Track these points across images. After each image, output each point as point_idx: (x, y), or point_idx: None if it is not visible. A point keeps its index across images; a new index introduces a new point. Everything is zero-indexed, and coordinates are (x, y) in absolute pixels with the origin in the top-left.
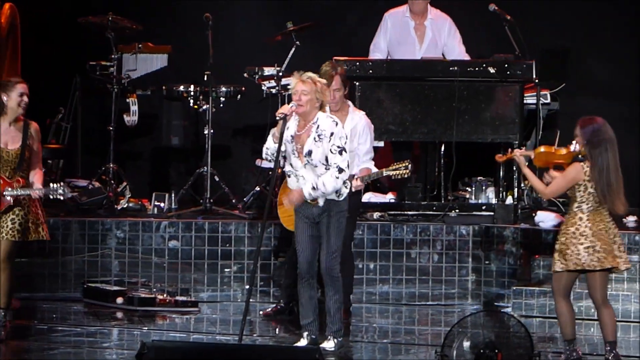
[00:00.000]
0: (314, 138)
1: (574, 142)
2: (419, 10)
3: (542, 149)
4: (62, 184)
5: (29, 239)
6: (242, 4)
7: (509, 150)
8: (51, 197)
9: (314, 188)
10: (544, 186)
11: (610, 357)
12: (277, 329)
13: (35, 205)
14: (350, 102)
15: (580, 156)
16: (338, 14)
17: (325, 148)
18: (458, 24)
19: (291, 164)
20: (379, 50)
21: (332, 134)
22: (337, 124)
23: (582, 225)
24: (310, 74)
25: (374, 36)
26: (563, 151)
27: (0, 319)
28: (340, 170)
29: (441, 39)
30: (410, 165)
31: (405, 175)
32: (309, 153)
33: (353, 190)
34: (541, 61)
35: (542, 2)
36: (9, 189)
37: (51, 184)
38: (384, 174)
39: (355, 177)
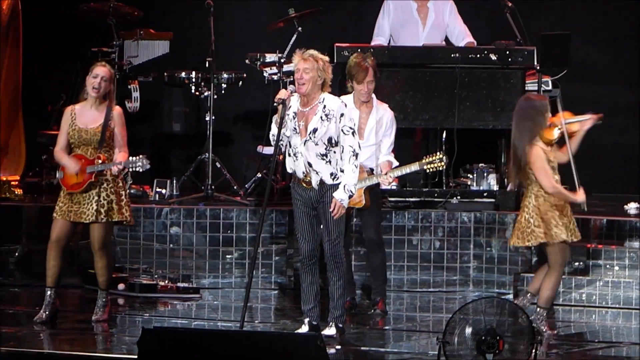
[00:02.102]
0: (321, 117)
1: None
2: None
3: None
4: (141, 156)
5: (113, 219)
6: None
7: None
8: (131, 169)
9: (350, 196)
10: None
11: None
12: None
13: (118, 186)
14: (374, 95)
15: None
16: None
17: (332, 128)
18: (459, 10)
19: (290, 143)
20: (382, 34)
21: (342, 114)
22: (345, 105)
23: None
24: (312, 51)
25: (377, 19)
26: None
27: (103, 300)
28: (356, 156)
29: (444, 20)
30: (445, 157)
31: (441, 168)
32: (314, 130)
33: (387, 186)
34: (542, 48)
35: None
36: (90, 166)
37: (130, 157)
38: (418, 168)
39: (387, 173)
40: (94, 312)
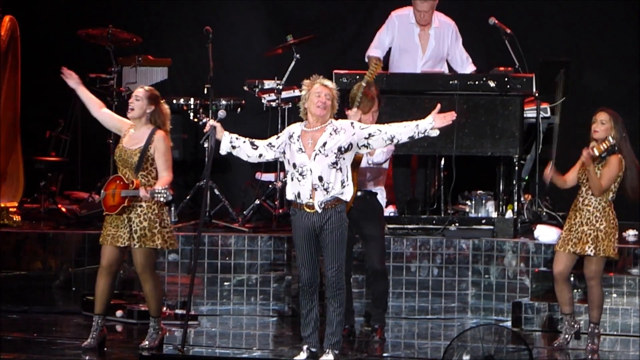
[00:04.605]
0: (330, 133)
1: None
2: (424, 22)
3: None
4: (167, 187)
5: (146, 246)
6: (242, 17)
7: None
8: (155, 198)
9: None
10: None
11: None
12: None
13: (154, 213)
14: None
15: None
16: (337, 26)
17: (342, 138)
18: None
19: (294, 164)
20: (380, 46)
21: (352, 123)
22: (351, 122)
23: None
24: (328, 80)
25: (378, 31)
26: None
27: (154, 327)
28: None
29: (444, 48)
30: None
31: (378, 70)
32: (324, 144)
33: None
34: (541, 75)
35: (541, 16)
36: (125, 190)
37: (156, 187)
38: (364, 84)
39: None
40: (145, 338)
